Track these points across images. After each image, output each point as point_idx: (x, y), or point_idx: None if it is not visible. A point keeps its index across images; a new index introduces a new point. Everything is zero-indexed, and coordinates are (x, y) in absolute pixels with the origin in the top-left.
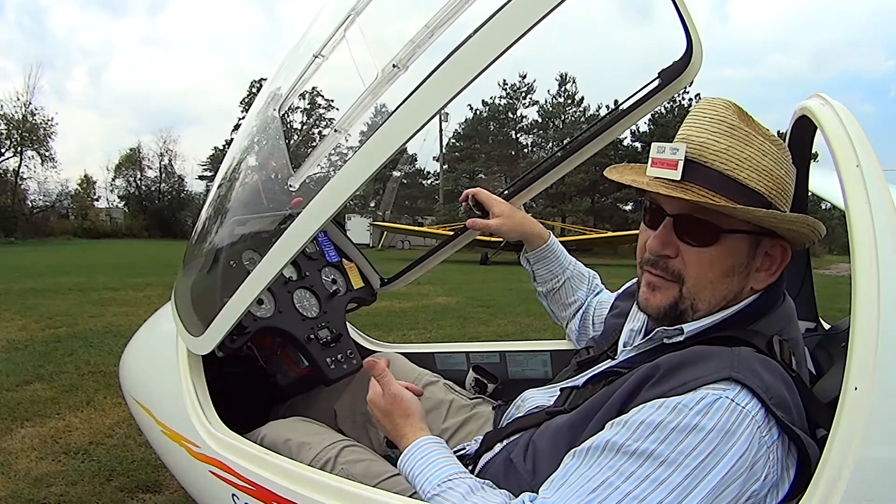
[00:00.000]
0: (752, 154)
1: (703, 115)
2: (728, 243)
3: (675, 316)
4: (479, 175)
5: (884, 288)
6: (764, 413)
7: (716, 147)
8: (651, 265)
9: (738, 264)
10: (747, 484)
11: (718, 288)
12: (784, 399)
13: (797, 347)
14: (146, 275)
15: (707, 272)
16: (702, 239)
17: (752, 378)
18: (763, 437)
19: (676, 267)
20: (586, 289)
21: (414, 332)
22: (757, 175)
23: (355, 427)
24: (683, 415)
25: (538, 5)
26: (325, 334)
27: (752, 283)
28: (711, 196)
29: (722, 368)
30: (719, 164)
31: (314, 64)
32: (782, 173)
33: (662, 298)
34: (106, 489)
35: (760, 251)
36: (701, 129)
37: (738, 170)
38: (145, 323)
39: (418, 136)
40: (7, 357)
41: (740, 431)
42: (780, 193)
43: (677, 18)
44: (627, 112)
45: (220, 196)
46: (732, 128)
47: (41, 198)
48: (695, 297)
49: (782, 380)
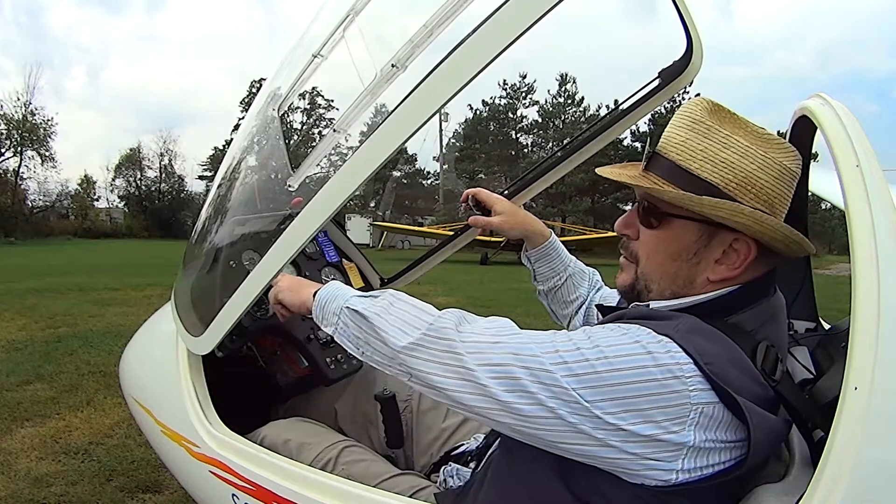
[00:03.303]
0: (709, 146)
1: (679, 113)
2: (674, 228)
3: (633, 295)
4: (480, 175)
5: (884, 288)
6: (694, 368)
7: (675, 140)
8: (621, 247)
9: (685, 250)
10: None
11: (665, 269)
12: (724, 369)
13: (781, 348)
14: (146, 275)
15: (655, 253)
16: (649, 221)
17: (689, 341)
18: (687, 380)
19: (634, 248)
20: (588, 285)
21: None
22: (711, 166)
23: (355, 427)
24: (624, 330)
25: (538, 5)
26: (324, 334)
27: (708, 273)
28: (661, 183)
29: (666, 328)
30: (674, 155)
31: (314, 64)
32: (751, 167)
33: (625, 278)
34: (106, 489)
35: (716, 242)
36: (671, 126)
37: (690, 160)
38: (145, 323)
39: (418, 136)
40: (7, 357)
41: (664, 360)
42: (741, 186)
43: (677, 18)
44: (627, 112)
45: (220, 196)
46: (695, 122)
47: (41, 198)
48: (647, 277)
49: (728, 357)
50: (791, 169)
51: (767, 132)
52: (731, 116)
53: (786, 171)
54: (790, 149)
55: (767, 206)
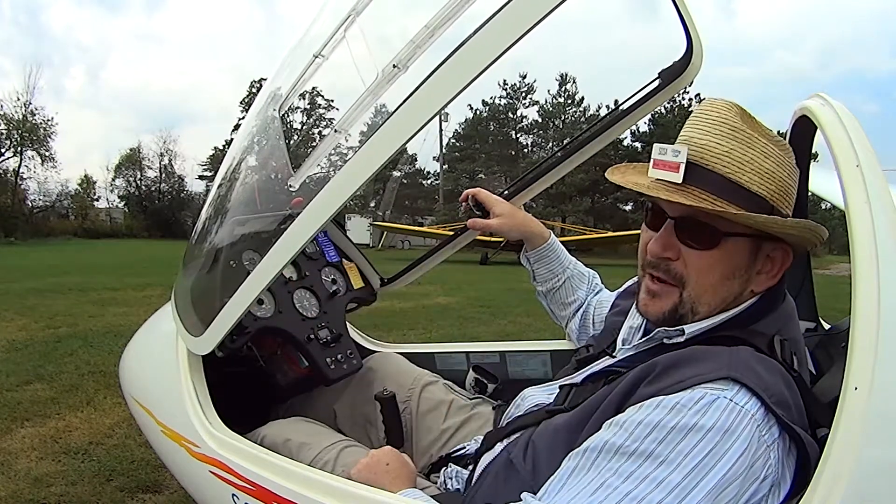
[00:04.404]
0: (755, 157)
1: (705, 116)
2: (729, 246)
3: (676, 320)
4: (480, 175)
5: (884, 288)
6: (763, 412)
7: (718, 150)
8: (653, 268)
9: (739, 267)
10: (747, 483)
11: (719, 291)
12: (784, 397)
13: (798, 346)
14: (146, 275)
15: (708, 275)
16: (703, 242)
17: (750, 377)
18: (762, 436)
19: (678, 269)
20: (586, 288)
21: (414, 332)
22: (759, 178)
23: (355, 427)
24: (682, 414)
25: (538, 5)
26: (325, 334)
27: (753, 285)
28: (713, 200)
29: (720, 368)
30: (721, 167)
31: (314, 64)
32: (784, 175)
33: (662, 305)
34: (106, 489)
35: (762, 254)
36: (703, 132)
37: (739, 173)
38: (145, 323)
39: (418, 136)
40: (7, 357)
41: (739, 430)
42: (782, 196)
43: (677, 18)
44: (627, 112)
45: (220, 196)
46: (734, 130)
47: (41, 198)
48: (695, 300)
49: (782, 378)
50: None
51: (777, 135)
52: (757, 122)
53: (797, 172)
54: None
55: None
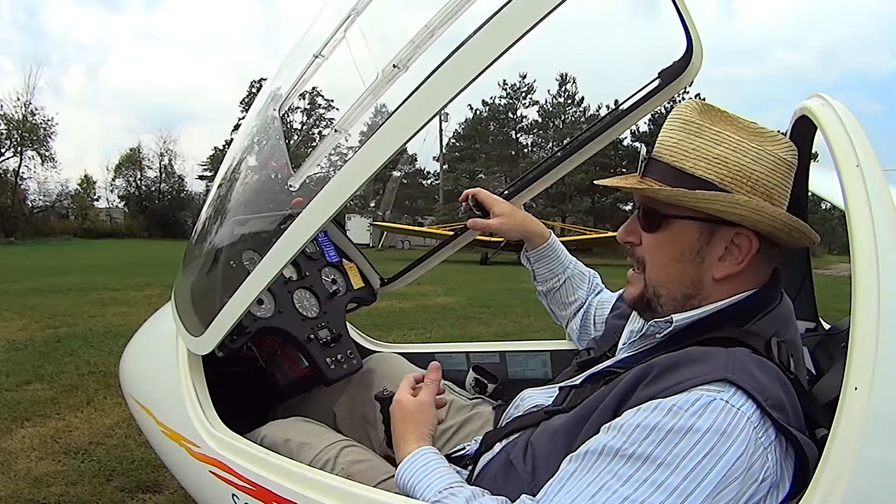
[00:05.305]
0: (701, 144)
1: (671, 117)
2: (675, 228)
3: (644, 305)
4: (480, 175)
5: (884, 288)
6: (759, 414)
7: (668, 142)
8: (628, 256)
9: (687, 249)
10: (746, 485)
11: (671, 272)
12: (780, 400)
13: (795, 349)
14: (146, 275)
15: (657, 255)
16: (651, 224)
17: (746, 379)
18: (759, 437)
19: (640, 254)
20: (587, 288)
21: (414, 332)
22: (704, 163)
23: (355, 427)
24: (679, 416)
25: (538, 5)
26: (325, 334)
27: (714, 272)
28: (652, 184)
29: (717, 370)
30: (668, 157)
31: (314, 64)
32: (744, 160)
33: (633, 291)
34: (106, 489)
35: (718, 239)
36: (664, 130)
37: (684, 160)
38: (145, 323)
39: (418, 136)
40: (7, 357)
41: (736, 432)
42: (737, 180)
43: (677, 18)
44: (627, 112)
45: (220, 196)
46: (686, 123)
47: (41, 198)
48: (656, 284)
49: (778, 381)
50: (786, 159)
51: (760, 126)
52: (722, 114)
53: (781, 161)
54: (784, 140)
55: (766, 198)
